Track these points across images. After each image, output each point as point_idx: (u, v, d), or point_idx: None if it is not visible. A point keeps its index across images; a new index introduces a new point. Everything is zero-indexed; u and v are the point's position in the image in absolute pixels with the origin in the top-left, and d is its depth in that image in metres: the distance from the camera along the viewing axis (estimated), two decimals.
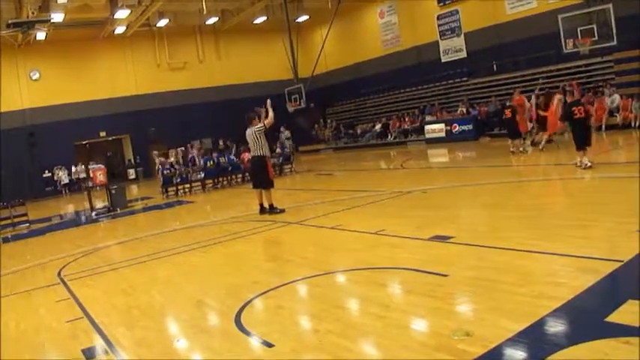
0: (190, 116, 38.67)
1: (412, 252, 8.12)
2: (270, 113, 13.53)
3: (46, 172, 34.48)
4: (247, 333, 5.62)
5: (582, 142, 13.51)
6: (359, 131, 38.90)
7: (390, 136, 35.30)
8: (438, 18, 33.54)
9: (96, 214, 19.65)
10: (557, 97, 18.27)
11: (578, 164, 13.51)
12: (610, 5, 22.06)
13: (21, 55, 34.03)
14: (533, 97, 21.16)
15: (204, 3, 31.65)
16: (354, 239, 9.66)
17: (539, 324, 4.75)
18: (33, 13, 27.04)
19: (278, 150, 26.04)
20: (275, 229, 11.83)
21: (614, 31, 22.04)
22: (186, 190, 23.39)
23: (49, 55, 34.66)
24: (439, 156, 25.44)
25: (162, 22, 35.97)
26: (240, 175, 24.00)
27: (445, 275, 6.49)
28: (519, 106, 19.22)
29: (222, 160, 24.45)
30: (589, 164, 13.30)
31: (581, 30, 23.29)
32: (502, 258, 6.99)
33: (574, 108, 13.70)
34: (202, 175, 23.85)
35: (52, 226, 19.13)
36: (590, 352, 4.09)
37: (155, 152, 30.00)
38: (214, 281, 8.13)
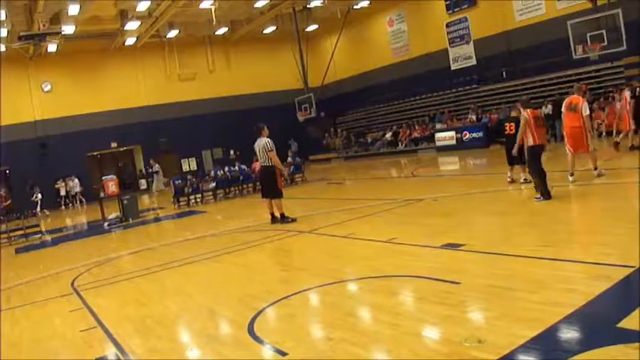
0: (201, 126, 38.82)
1: (424, 260, 8.13)
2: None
3: (58, 182, 34.61)
4: (260, 342, 5.65)
5: (510, 158, 13.66)
6: (369, 140, 38.92)
7: (400, 145, 35.30)
8: (447, 25, 33.59)
9: (108, 225, 19.74)
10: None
11: (509, 180, 13.98)
12: (619, 10, 22.06)
13: (32, 67, 34.34)
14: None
15: (213, 13, 31.85)
16: (366, 248, 9.68)
17: (552, 330, 4.75)
18: (44, 25, 27.26)
19: (289, 159, 26.11)
20: (287, 238, 11.86)
21: (624, 36, 22.03)
22: (198, 199, 23.47)
23: (61, 67, 34.96)
24: (450, 164, 25.41)
25: (172, 33, 36.15)
26: (251, 185, 24.05)
27: (457, 283, 6.50)
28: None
29: (233, 169, 24.60)
30: (525, 180, 13.50)
31: (590, 35, 23.30)
32: (514, 265, 6.99)
33: (505, 124, 13.91)
34: (214, 184, 23.93)
35: (65, 237, 19.23)
36: (602, 358, 4.10)
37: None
38: (227, 290, 8.16)
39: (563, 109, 13.45)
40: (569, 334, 4.77)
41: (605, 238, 7.62)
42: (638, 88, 16.56)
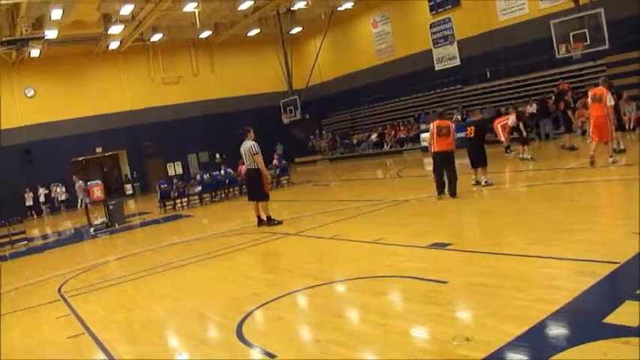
0: (186, 130, 38.76)
1: (411, 260, 8.14)
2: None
3: (44, 188, 34.39)
4: (249, 344, 5.64)
5: (472, 161, 14.41)
6: (355, 141, 38.98)
7: (386, 146, 35.36)
8: (430, 26, 33.68)
9: (94, 230, 19.65)
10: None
11: (474, 182, 14.31)
12: (601, 9, 22.22)
13: (15, 72, 34.15)
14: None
15: (197, 17, 31.80)
16: (353, 249, 9.69)
17: (539, 327, 4.78)
18: (27, 30, 27.08)
19: (275, 161, 26.08)
20: (274, 241, 11.85)
21: (606, 34, 22.19)
22: (184, 203, 23.41)
23: (44, 72, 34.75)
24: None
25: (156, 37, 36.08)
26: (237, 188, 24.02)
27: (444, 282, 6.52)
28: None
29: (219, 173, 24.56)
30: (486, 182, 14.05)
31: (573, 35, 23.44)
32: (500, 263, 7.03)
33: (466, 127, 14.78)
34: (200, 188, 23.87)
35: (51, 244, 19.12)
36: (589, 353, 4.12)
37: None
38: (214, 294, 8.13)
39: (589, 100, 14.52)
40: (556, 331, 4.80)
41: (590, 235, 7.66)
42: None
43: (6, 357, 6.77)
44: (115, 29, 31.89)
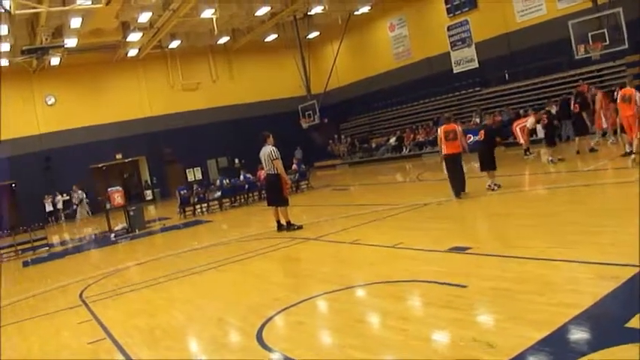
0: (205, 136, 38.84)
1: (431, 264, 8.13)
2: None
3: (64, 195, 34.61)
4: (269, 349, 5.65)
5: (481, 164, 14.58)
6: (373, 145, 38.87)
7: (404, 149, 35.25)
8: (448, 29, 33.54)
9: (115, 236, 19.78)
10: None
11: (487, 186, 14.28)
12: (620, 9, 22.03)
13: (36, 80, 34.48)
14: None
15: (215, 23, 31.90)
16: (373, 253, 9.68)
17: (560, 332, 4.75)
18: (46, 39, 27.33)
19: (294, 166, 26.11)
20: (293, 246, 11.87)
21: (625, 34, 22.00)
22: (204, 209, 23.49)
23: (64, 80, 35.06)
24: None
25: (175, 44, 36.22)
26: (256, 193, 24.07)
27: (464, 286, 6.50)
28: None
29: (238, 178, 24.65)
30: (494, 185, 14.11)
31: (591, 35, 23.26)
32: (520, 267, 6.99)
33: (479, 131, 15.21)
34: (219, 194, 23.94)
35: (72, 249, 19.26)
36: (611, 358, 4.09)
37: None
38: (235, 299, 8.16)
39: (618, 101, 15.17)
40: (578, 335, 4.77)
41: (611, 238, 7.60)
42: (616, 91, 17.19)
43: None
44: (134, 37, 32.12)
